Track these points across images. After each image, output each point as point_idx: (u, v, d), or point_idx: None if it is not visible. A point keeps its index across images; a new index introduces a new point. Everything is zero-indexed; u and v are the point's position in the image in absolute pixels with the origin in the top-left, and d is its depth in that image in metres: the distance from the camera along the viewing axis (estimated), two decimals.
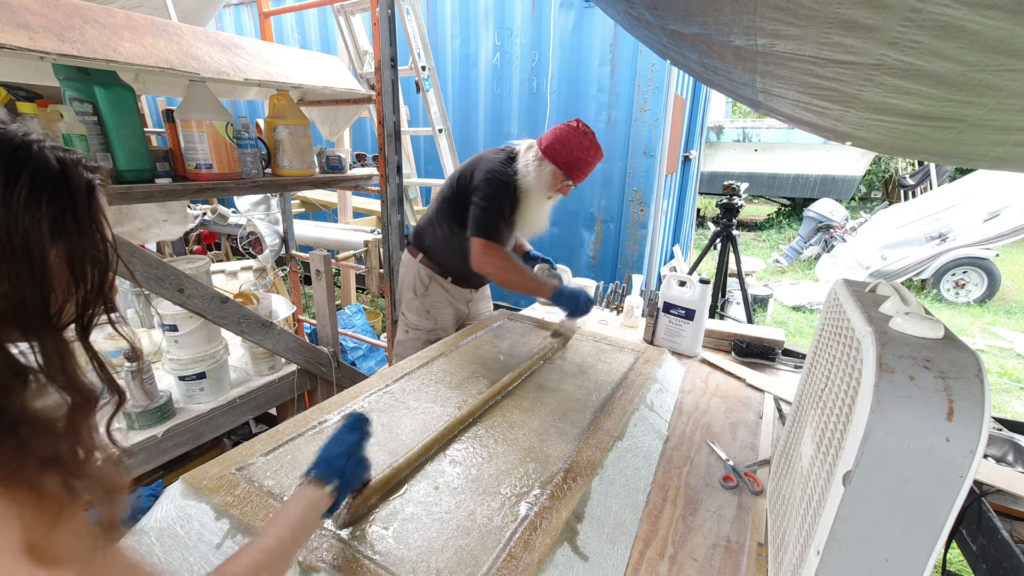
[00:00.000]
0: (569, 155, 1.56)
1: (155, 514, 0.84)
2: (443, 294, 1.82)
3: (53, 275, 0.43)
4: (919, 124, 0.93)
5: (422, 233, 1.80)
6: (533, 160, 1.59)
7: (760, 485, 1.03)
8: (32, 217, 0.41)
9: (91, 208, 0.46)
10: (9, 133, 0.42)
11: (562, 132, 1.57)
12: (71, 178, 0.44)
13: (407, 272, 1.84)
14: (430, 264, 1.79)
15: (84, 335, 0.48)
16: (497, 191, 1.56)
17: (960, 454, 0.50)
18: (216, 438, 1.97)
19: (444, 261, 1.78)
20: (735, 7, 0.81)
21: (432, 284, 1.80)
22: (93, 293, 0.47)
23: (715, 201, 3.48)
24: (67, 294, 0.45)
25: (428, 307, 1.82)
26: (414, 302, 1.82)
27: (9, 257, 0.40)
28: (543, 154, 1.58)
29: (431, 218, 1.76)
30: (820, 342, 0.88)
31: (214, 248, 4.50)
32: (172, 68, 1.50)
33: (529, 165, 1.58)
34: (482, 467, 0.99)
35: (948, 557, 1.82)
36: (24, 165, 0.41)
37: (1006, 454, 1.16)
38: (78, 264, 0.45)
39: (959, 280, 5.57)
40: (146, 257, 1.54)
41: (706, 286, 1.64)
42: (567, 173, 1.59)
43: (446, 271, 1.79)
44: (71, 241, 0.44)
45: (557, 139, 1.57)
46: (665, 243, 4.92)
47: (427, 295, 1.81)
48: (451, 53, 3.92)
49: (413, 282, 1.81)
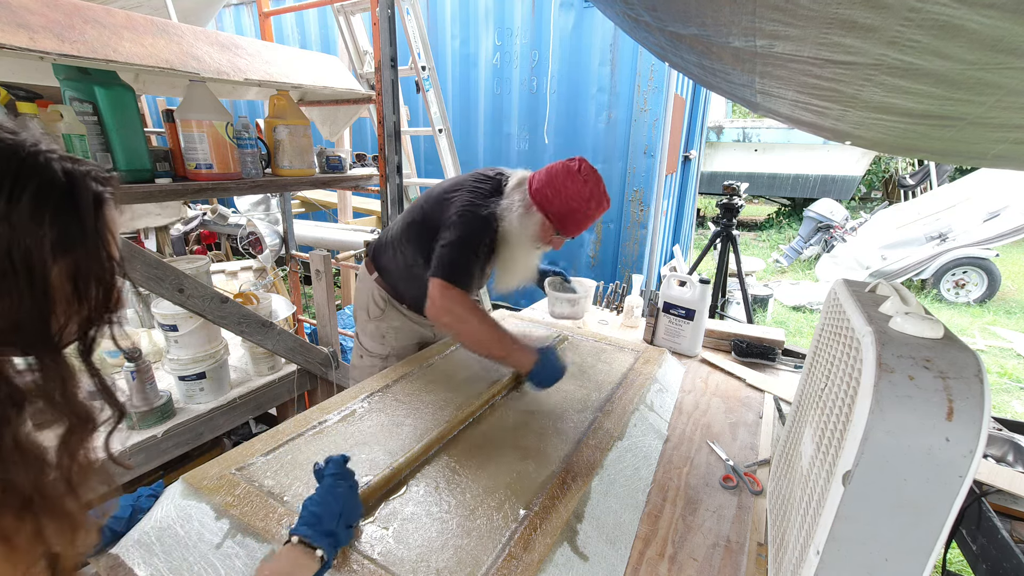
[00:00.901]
0: (563, 205, 1.28)
1: (155, 514, 0.84)
2: (401, 318, 1.58)
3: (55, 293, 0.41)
4: (918, 123, 0.93)
5: (381, 251, 1.56)
6: (519, 204, 1.31)
7: (760, 485, 1.03)
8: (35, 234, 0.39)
9: (98, 224, 0.44)
10: (17, 144, 0.40)
11: (558, 175, 1.28)
12: (78, 192, 0.42)
13: (361, 289, 1.61)
14: (386, 286, 1.56)
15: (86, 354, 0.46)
16: (473, 231, 1.28)
17: (960, 454, 0.50)
18: (216, 438, 1.97)
19: (401, 290, 1.54)
20: (734, 8, 0.81)
21: (388, 307, 1.57)
22: (97, 311, 0.45)
23: (715, 201, 3.48)
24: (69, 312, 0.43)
25: (383, 332, 1.58)
26: (368, 324, 1.59)
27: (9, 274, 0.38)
28: (531, 199, 1.31)
29: (394, 239, 1.51)
30: (820, 342, 0.88)
31: (214, 248, 4.50)
32: (172, 68, 1.50)
33: (513, 208, 1.31)
34: (482, 467, 0.99)
35: (948, 557, 1.82)
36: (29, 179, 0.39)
37: (1006, 454, 1.16)
38: (82, 282, 0.43)
39: (959, 280, 5.57)
40: (146, 257, 1.54)
41: (706, 286, 1.63)
42: (558, 226, 1.32)
43: (402, 298, 1.56)
44: (75, 258, 0.42)
45: (551, 183, 1.29)
46: (665, 243, 4.92)
47: (383, 318, 1.57)
48: (451, 53, 3.92)
49: (367, 302, 1.58)
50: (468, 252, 1.27)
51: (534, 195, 1.31)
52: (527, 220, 1.31)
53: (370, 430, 1.09)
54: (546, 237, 1.35)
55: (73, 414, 0.43)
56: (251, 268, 3.27)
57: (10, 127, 0.41)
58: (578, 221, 1.32)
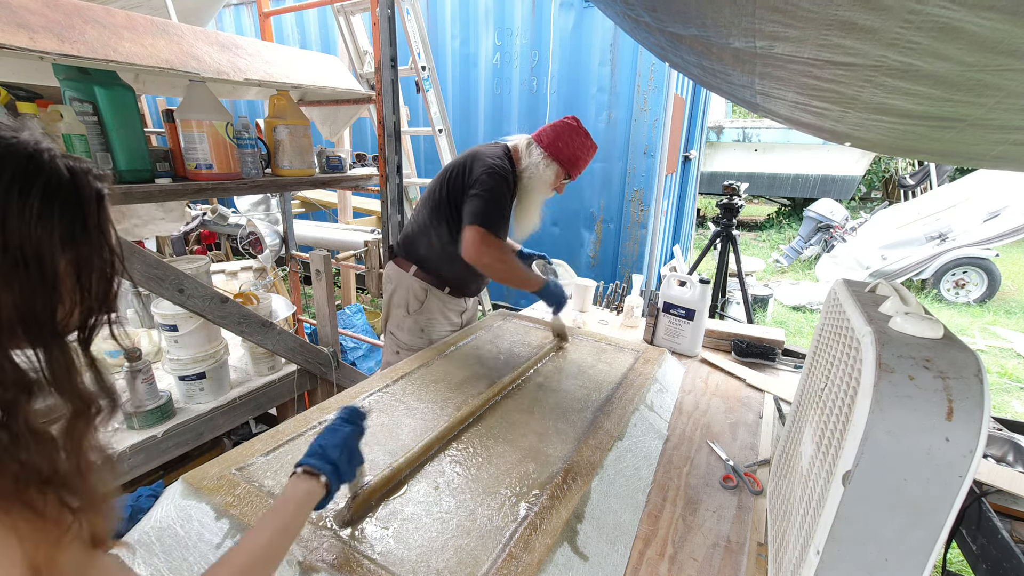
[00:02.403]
0: (572, 153, 1.57)
1: (155, 514, 0.84)
2: (439, 308, 1.70)
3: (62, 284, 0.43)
4: (918, 124, 0.93)
5: (414, 243, 1.67)
6: (539, 158, 1.58)
7: (760, 485, 1.03)
8: (44, 228, 0.41)
9: (100, 218, 0.46)
10: (21, 143, 0.41)
11: (563, 130, 1.57)
12: (81, 188, 0.44)
13: (398, 288, 1.70)
14: (426, 276, 1.66)
15: (86, 343, 0.48)
16: (500, 184, 1.51)
17: (960, 454, 0.50)
18: (216, 438, 1.97)
19: (443, 271, 1.66)
20: (734, 9, 0.81)
21: (428, 298, 1.67)
22: (98, 302, 0.47)
23: (715, 201, 3.49)
24: (73, 302, 0.45)
25: (423, 325, 1.69)
26: (407, 320, 1.69)
27: (21, 266, 0.40)
28: (548, 153, 1.58)
29: (424, 225, 1.63)
30: (820, 342, 0.88)
31: (214, 248, 4.50)
32: (172, 68, 1.50)
33: (538, 164, 1.57)
34: (482, 467, 0.99)
35: (948, 557, 1.82)
36: (37, 176, 0.41)
37: (1006, 454, 1.16)
38: (85, 273, 0.46)
39: (959, 280, 5.57)
40: (146, 257, 1.54)
41: (706, 286, 1.64)
42: (568, 171, 1.61)
43: (444, 282, 1.68)
44: (80, 251, 0.45)
45: (559, 138, 1.57)
46: (665, 243, 4.92)
47: (421, 312, 1.68)
48: (451, 53, 3.92)
49: (406, 298, 1.68)
50: (499, 201, 1.51)
51: (549, 150, 1.58)
52: (548, 171, 1.58)
53: (370, 430, 1.08)
54: (557, 183, 1.63)
55: (79, 398, 0.45)
56: (251, 268, 3.27)
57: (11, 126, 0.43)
58: (581, 166, 1.62)
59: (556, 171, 1.59)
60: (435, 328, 1.71)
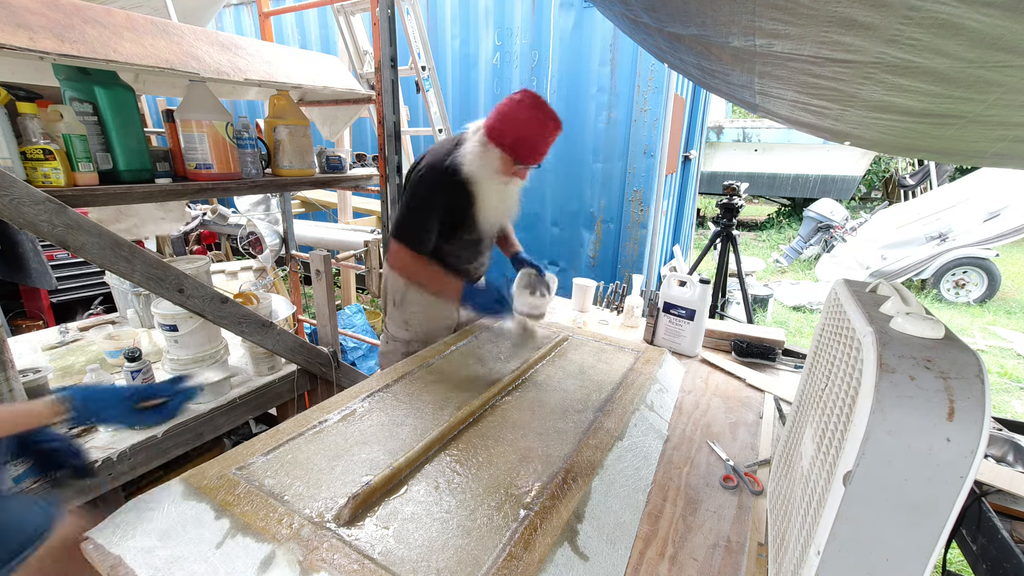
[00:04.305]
0: (514, 133, 1.37)
1: (155, 514, 0.84)
2: (422, 302, 1.68)
3: None
4: (918, 121, 0.93)
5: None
6: (477, 145, 1.42)
7: (760, 485, 1.03)
8: None
9: None
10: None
11: (503, 108, 1.38)
12: None
13: (387, 279, 1.74)
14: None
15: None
16: (424, 191, 1.43)
17: (960, 454, 0.50)
18: (216, 438, 1.96)
19: None
20: (733, 7, 0.81)
21: (409, 292, 1.67)
22: None
23: (715, 201, 3.48)
24: None
25: (407, 318, 1.70)
26: (394, 312, 1.72)
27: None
28: (486, 137, 1.41)
29: None
30: (820, 342, 0.88)
31: (214, 248, 4.50)
32: (172, 68, 1.50)
33: (473, 151, 1.41)
34: (482, 467, 0.99)
35: (948, 557, 1.81)
36: None
37: (1006, 454, 1.16)
38: None
39: (959, 280, 5.57)
40: (146, 257, 1.53)
41: (706, 286, 1.63)
42: (514, 155, 1.40)
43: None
44: None
45: (499, 118, 1.38)
46: (665, 243, 4.92)
47: (403, 305, 1.69)
48: (451, 53, 3.92)
49: (392, 291, 1.71)
50: (419, 210, 1.44)
51: (487, 132, 1.41)
52: (487, 157, 1.41)
53: (370, 430, 1.09)
54: (507, 169, 1.44)
55: None
56: (251, 268, 3.27)
57: None
58: (531, 145, 1.40)
59: (499, 156, 1.40)
60: (419, 323, 1.70)
